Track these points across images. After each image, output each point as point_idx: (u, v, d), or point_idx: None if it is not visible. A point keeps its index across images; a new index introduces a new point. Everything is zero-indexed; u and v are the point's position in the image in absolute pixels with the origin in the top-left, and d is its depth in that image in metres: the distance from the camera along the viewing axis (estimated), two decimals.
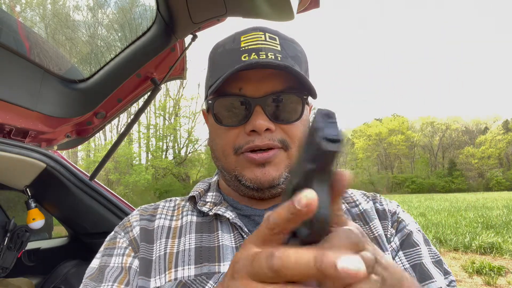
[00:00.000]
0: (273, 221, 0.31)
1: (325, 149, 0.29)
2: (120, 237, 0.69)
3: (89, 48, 1.37)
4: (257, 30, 0.67)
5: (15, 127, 1.38)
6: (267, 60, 0.60)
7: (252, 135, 0.62)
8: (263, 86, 0.62)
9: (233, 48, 0.66)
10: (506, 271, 5.27)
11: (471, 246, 6.81)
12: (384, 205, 0.74)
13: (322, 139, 0.29)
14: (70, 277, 1.87)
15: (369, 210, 0.72)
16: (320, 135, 0.29)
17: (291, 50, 0.67)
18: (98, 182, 1.94)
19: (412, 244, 0.67)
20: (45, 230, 2.20)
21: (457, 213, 13.22)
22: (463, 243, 7.04)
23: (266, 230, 0.32)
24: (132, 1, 1.33)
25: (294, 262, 0.28)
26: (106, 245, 0.69)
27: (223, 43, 0.69)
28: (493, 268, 5.21)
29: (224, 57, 0.66)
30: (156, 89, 1.51)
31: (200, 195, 0.74)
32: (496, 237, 7.25)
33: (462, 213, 13.13)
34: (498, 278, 4.93)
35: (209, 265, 0.62)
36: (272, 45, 0.65)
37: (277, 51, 0.64)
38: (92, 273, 0.64)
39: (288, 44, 0.68)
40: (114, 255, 0.65)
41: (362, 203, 0.74)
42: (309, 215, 0.29)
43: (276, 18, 1.04)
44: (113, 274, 0.62)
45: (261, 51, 0.63)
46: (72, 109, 1.37)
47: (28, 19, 1.26)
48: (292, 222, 0.30)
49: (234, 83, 0.63)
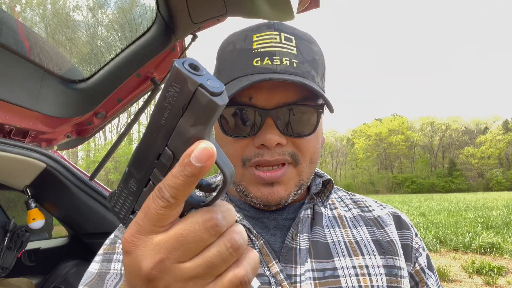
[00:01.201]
0: (170, 194, 0.29)
1: (220, 105, 0.27)
2: (120, 242, 0.68)
3: (89, 48, 1.37)
4: (272, 28, 0.61)
5: (15, 127, 1.38)
6: (281, 77, 0.54)
7: (261, 148, 0.58)
8: (276, 96, 0.58)
9: (244, 48, 0.60)
10: (506, 271, 5.27)
11: (471, 246, 6.81)
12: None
13: (212, 95, 0.27)
14: (70, 277, 1.87)
15: (383, 216, 0.71)
16: (209, 91, 0.27)
17: (308, 52, 0.61)
18: (98, 182, 1.94)
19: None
20: (45, 230, 2.20)
21: (457, 213, 13.23)
22: (463, 243, 7.04)
23: (161, 210, 0.29)
24: (132, 1, 1.33)
25: (192, 239, 0.28)
26: (105, 249, 0.68)
27: (233, 40, 0.63)
28: (493, 268, 5.21)
29: (234, 57, 0.61)
30: (156, 89, 1.51)
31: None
32: (496, 237, 7.25)
33: (462, 213, 13.14)
34: (498, 278, 4.93)
35: None
36: (287, 48, 0.59)
37: (292, 56, 0.59)
38: (91, 280, 0.62)
39: (305, 45, 0.62)
40: (113, 261, 0.64)
41: (375, 210, 0.73)
42: (209, 168, 0.28)
43: (276, 18, 1.04)
44: (113, 282, 0.61)
45: (275, 55, 0.58)
46: (72, 109, 1.37)
47: (28, 19, 1.26)
48: (191, 185, 0.28)
49: (244, 91, 0.58)
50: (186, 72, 0.26)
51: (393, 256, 0.64)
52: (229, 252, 0.29)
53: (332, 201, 0.74)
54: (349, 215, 0.71)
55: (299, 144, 0.60)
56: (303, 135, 0.59)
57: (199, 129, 0.28)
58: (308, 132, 0.60)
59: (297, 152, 0.60)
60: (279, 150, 0.58)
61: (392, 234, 0.67)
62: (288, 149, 0.59)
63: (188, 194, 0.29)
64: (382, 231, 0.68)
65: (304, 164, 0.61)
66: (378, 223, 0.69)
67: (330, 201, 0.74)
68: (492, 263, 5.48)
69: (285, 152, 0.59)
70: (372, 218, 0.71)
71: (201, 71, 0.28)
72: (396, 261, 0.64)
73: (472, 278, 5.12)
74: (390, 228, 0.68)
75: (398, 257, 0.64)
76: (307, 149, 0.61)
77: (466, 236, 7.59)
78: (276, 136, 0.56)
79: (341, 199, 0.76)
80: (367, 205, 0.74)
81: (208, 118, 0.28)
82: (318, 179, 0.72)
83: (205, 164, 0.27)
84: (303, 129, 0.59)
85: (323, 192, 0.71)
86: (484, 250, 6.54)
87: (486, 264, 5.38)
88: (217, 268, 0.29)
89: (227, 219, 0.30)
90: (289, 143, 0.59)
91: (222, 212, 0.30)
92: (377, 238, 0.66)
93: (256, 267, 0.31)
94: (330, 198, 0.74)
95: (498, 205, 16.49)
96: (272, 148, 0.58)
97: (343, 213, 0.71)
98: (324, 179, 0.71)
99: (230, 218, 0.31)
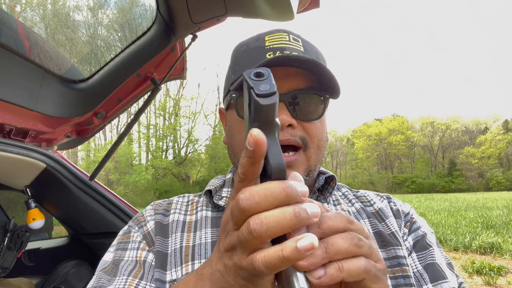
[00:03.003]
0: (240, 171, 0.35)
1: (262, 104, 0.32)
2: (134, 231, 0.70)
3: (89, 48, 1.37)
4: (281, 31, 0.69)
5: (15, 127, 1.38)
6: (297, 55, 0.61)
7: None
8: (287, 83, 0.63)
9: (257, 46, 0.67)
10: (506, 271, 5.27)
11: (471, 246, 6.81)
12: (398, 205, 0.76)
13: (257, 96, 0.32)
14: (70, 277, 1.87)
15: (384, 208, 0.74)
16: (255, 93, 0.32)
17: (313, 52, 0.69)
18: (98, 182, 1.94)
19: (425, 246, 0.68)
20: (45, 230, 2.21)
21: (457, 213, 13.22)
22: (463, 243, 7.04)
23: (237, 184, 0.36)
24: (132, 1, 1.33)
25: (263, 193, 0.32)
26: (119, 239, 0.70)
27: (246, 42, 0.71)
28: (493, 268, 5.21)
29: (248, 54, 0.68)
30: (156, 89, 1.51)
31: (216, 189, 0.75)
32: (496, 237, 7.25)
33: (462, 213, 13.13)
34: (498, 278, 4.93)
35: None
36: (296, 46, 0.67)
37: (300, 52, 0.66)
38: (105, 266, 0.64)
39: (311, 46, 0.70)
40: (129, 249, 0.66)
41: (376, 202, 0.76)
42: (262, 152, 0.32)
43: (276, 18, 1.04)
44: (128, 268, 0.63)
45: (286, 50, 0.64)
46: (72, 109, 1.37)
47: (28, 19, 1.26)
48: (253, 165, 0.33)
49: None
50: (247, 78, 0.34)
51: (394, 246, 0.66)
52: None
53: (336, 197, 0.77)
54: (352, 210, 0.74)
55: (308, 128, 0.65)
56: (311, 119, 0.65)
57: (256, 124, 0.34)
58: (316, 116, 0.65)
59: (306, 136, 0.65)
60: (290, 131, 0.63)
61: (392, 226, 0.70)
62: (298, 132, 0.64)
63: (255, 173, 0.34)
64: (383, 224, 0.71)
65: (312, 149, 0.65)
66: (379, 216, 0.72)
67: (334, 197, 0.76)
68: (492, 263, 5.48)
69: (296, 135, 0.63)
70: (373, 211, 0.73)
71: (262, 77, 0.34)
72: (398, 251, 0.65)
73: (472, 278, 5.12)
74: (391, 220, 0.71)
75: (400, 246, 0.66)
76: (315, 134, 0.66)
77: (466, 236, 7.59)
78: (288, 117, 0.62)
79: (344, 195, 0.78)
80: (368, 199, 0.77)
81: (258, 115, 0.33)
82: (321, 176, 0.74)
83: (254, 148, 0.32)
84: (311, 114, 0.65)
85: (326, 188, 0.74)
86: (484, 250, 6.54)
87: (486, 264, 5.38)
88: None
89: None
90: (299, 127, 0.64)
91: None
92: (379, 230, 0.69)
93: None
94: (334, 194, 0.77)
95: (498, 205, 16.48)
96: (284, 129, 0.62)
97: (346, 208, 0.74)
98: (327, 176, 0.75)
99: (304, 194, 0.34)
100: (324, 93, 0.66)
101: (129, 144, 32.18)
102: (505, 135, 59.75)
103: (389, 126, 63.42)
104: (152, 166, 32.86)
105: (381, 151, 64.10)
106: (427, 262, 0.65)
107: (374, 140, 64.57)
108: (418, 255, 0.67)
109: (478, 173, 58.96)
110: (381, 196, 0.79)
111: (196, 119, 35.09)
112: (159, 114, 34.60)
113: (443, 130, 66.11)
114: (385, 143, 63.49)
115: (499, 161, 58.79)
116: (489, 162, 58.25)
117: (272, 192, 0.32)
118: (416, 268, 0.65)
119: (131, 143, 33.21)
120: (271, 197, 0.32)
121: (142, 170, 30.14)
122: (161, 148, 35.54)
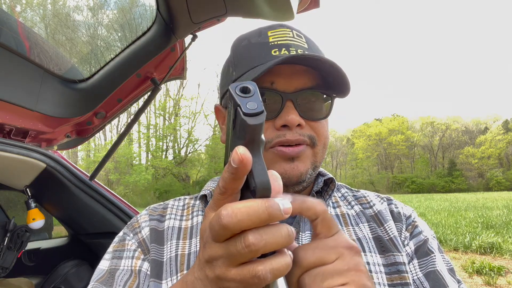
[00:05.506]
0: (221, 185, 0.35)
1: (250, 124, 0.31)
2: (129, 238, 0.69)
3: (89, 48, 1.37)
4: (284, 26, 0.68)
5: (15, 127, 1.38)
6: (312, 54, 0.59)
7: (282, 130, 0.62)
8: (294, 81, 0.63)
9: (260, 42, 0.65)
10: (506, 271, 5.27)
11: (471, 246, 6.81)
12: (399, 208, 0.74)
13: (244, 115, 0.31)
14: (70, 277, 1.87)
15: (383, 211, 0.71)
16: (242, 112, 0.32)
17: (316, 49, 0.68)
18: (98, 182, 1.94)
19: (427, 252, 0.66)
20: (45, 230, 2.21)
21: (457, 213, 13.22)
22: (463, 243, 7.04)
23: (217, 196, 0.36)
24: (132, 1, 1.33)
25: (246, 211, 0.32)
26: (115, 246, 0.68)
27: (247, 37, 0.69)
28: (493, 268, 5.21)
29: (251, 49, 0.66)
30: (156, 89, 1.51)
31: (211, 194, 0.72)
32: (496, 237, 7.25)
33: (462, 213, 13.13)
34: (498, 278, 4.93)
35: None
36: (300, 42, 0.65)
37: (305, 49, 0.65)
38: (101, 276, 0.63)
39: (312, 42, 0.69)
40: (124, 258, 0.65)
41: (376, 204, 0.74)
42: (246, 171, 0.32)
43: (276, 18, 1.04)
44: (123, 278, 0.62)
45: (291, 47, 0.63)
46: (72, 109, 1.37)
47: (28, 19, 1.26)
48: (235, 181, 0.34)
49: (265, 77, 0.62)
50: (233, 94, 0.33)
51: (393, 252, 0.64)
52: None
53: (336, 199, 0.75)
54: (352, 212, 0.72)
55: (315, 127, 0.65)
56: (319, 118, 0.65)
57: (241, 142, 0.33)
58: (323, 116, 0.65)
59: (314, 135, 0.64)
60: (299, 131, 0.62)
61: (391, 230, 0.68)
62: (306, 131, 0.63)
63: (236, 188, 0.34)
64: (382, 228, 0.68)
65: (320, 147, 0.66)
66: (378, 220, 0.70)
67: (333, 199, 0.75)
68: (492, 263, 5.48)
69: (304, 134, 0.63)
70: (372, 214, 0.71)
71: (249, 94, 0.33)
72: (398, 257, 0.63)
73: (472, 278, 5.12)
74: (389, 224, 0.69)
75: (399, 252, 0.64)
76: (322, 133, 0.65)
77: (466, 236, 7.59)
78: (297, 117, 0.61)
79: (344, 197, 0.76)
80: (368, 200, 0.75)
81: (244, 133, 0.33)
82: (320, 178, 0.73)
83: (239, 166, 0.32)
84: (318, 113, 0.65)
85: (326, 191, 0.73)
86: (484, 250, 6.54)
87: (486, 264, 5.39)
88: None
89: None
90: (307, 126, 0.64)
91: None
92: (378, 234, 0.67)
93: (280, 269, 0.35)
94: (333, 196, 0.75)
95: (498, 205, 16.48)
96: (293, 129, 0.62)
97: (346, 211, 0.72)
98: (326, 178, 0.73)
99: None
100: (330, 91, 0.65)
101: (129, 144, 32.19)
102: (505, 135, 59.74)
103: (389, 126, 63.41)
104: (152, 166, 32.86)
105: (381, 151, 64.10)
106: (428, 270, 0.64)
107: (374, 140, 64.56)
108: (420, 262, 0.65)
109: (478, 173, 58.96)
110: (381, 198, 0.77)
111: (196, 119, 35.10)
112: (159, 114, 34.61)
113: (443, 130, 66.10)
114: (385, 143, 63.48)
115: (499, 161, 58.78)
116: (489, 162, 58.24)
117: (255, 211, 0.32)
118: (417, 275, 0.63)
119: (131, 143, 33.22)
120: (254, 216, 0.32)
121: (142, 170, 30.14)
122: (161, 148, 35.54)
